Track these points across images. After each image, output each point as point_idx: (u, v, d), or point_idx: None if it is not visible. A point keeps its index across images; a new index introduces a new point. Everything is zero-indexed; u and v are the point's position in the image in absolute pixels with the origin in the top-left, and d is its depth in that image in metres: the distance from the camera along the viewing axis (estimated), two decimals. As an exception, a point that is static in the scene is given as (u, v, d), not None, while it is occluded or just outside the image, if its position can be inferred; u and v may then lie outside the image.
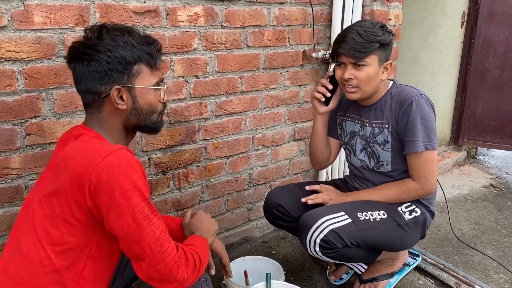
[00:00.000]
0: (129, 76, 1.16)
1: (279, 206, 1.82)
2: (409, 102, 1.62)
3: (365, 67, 1.58)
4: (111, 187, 1.05)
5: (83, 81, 1.15)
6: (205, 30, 1.86)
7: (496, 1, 3.41)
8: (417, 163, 1.65)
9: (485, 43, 3.51)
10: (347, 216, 1.61)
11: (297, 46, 2.21)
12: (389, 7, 2.38)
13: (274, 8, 2.05)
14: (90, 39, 1.14)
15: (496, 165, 3.86)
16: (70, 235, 1.10)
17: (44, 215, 1.11)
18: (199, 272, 1.22)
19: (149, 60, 1.19)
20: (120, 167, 1.06)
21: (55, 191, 1.10)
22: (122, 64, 1.14)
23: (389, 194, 1.73)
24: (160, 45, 1.23)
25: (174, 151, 1.93)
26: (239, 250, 2.31)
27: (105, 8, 1.57)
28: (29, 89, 1.49)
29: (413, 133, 1.61)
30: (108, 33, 1.14)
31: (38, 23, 1.45)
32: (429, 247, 2.40)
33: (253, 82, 2.10)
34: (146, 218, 1.09)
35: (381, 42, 1.57)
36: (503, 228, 2.66)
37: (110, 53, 1.12)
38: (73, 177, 1.07)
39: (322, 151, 1.90)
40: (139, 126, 1.25)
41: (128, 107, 1.19)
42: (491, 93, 3.56)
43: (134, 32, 1.18)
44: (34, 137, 1.54)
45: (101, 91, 1.15)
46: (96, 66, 1.13)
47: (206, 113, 1.98)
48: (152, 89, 1.21)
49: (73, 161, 1.08)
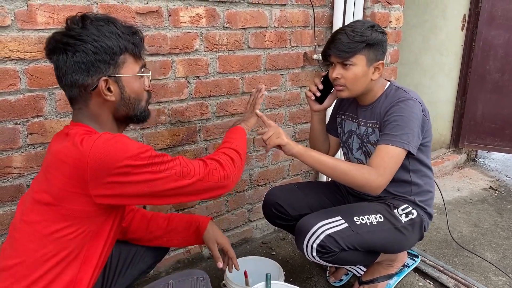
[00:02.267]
0: (115, 67, 1.15)
1: (278, 205, 1.84)
2: (396, 101, 1.63)
3: (352, 67, 1.60)
4: (112, 166, 1.06)
5: (68, 73, 1.12)
6: (206, 31, 1.86)
7: (496, 5, 3.42)
8: (383, 154, 1.56)
9: (486, 46, 3.52)
10: (343, 221, 1.62)
11: (298, 47, 2.22)
12: (390, 9, 2.39)
13: (275, 9, 2.06)
14: (74, 29, 1.10)
15: (496, 168, 3.86)
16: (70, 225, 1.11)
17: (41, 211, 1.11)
18: (242, 162, 1.37)
19: (134, 50, 1.17)
20: (110, 145, 1.07)
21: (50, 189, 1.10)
22: (108, 54, 1.12)
23: (341, 165, 1.55)
24: (142, 34, 1.22)
25: (175, 152, 1.94)
26: (239, 250, 2.32)
27: (108, 8, 1.58)
28: (31, 88, 1.49)
29: (392, 127, 1.59)
30: (92, 23, 1.11)
31: (41, 23, 1.46)
32: (429, 249, 2.41)
33: (254, 83, 2.10)
34: (158, 164, 1.12)
35: (368, 42, 1.57)
36: (503, 230, 2.66)
37: (96, 43, 1.10)
38: (70, 173, 1.07)
39: (320, 147, 1.93)
40: (128, 116, 1.24)
41: (117, 98, 1.17)
42: (491, 96, 3.57)
43: (117, 22, 1.16)
44: (36, 136, 1.55)
45: (88, 83, 1.13)
46: (82, 57, 1.10)
47: (207, 114, 1.99)
48: (138, 77, 1.20)
49: (66, 158, 1.08)
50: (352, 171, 1.53)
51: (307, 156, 1.57)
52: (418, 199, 1.78)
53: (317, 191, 1.96)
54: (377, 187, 1.54)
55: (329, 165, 1.55)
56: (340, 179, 1.57)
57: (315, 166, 1.57)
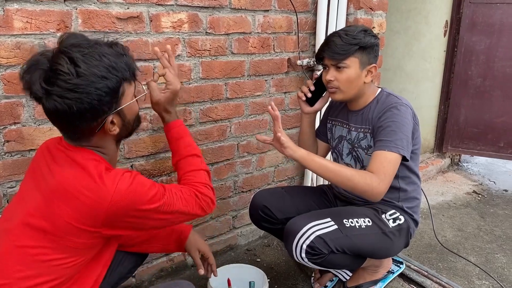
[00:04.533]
0: (117, 101, 1.12)
1: (265, 208, 1.84)
2: (389, 107, 1.65)
3: (345, 69, 1.62)
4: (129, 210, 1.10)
5: (71, 121, 1.06)
6: (189, 37, 1.85)
7: (477, 11, 3.47)
8: (381, 160, 1.56)
9: (467, 52, 3.57)
10: (333, 223, 1.62)
11: (282, 53, 2.21)
12: (373, 15, 2.40)
13: (258, 15, 2.05)
14: (68, 80, 1.01)
15: (479, 172, 3.91)
16: (71, 256, 1.10)
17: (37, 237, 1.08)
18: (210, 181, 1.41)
19: (129, 77, 1.14)
20: (130, 192, 1.09)
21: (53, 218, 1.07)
22: (111, 95, 1.09)
23: (345, 170, 1.55)
24: (128, 49, 1.17)
25: (157, 158, 1.91)
26: (223, 258, 2.30)
27: (88, 13, 1.55)
28: (8, 95, 1.46)
29: (386, 133, 1.60)
30: (86, 66, 1.03)
31: (18, 28, 1.43)
32: (413, 253, 2.42)
33: (238, 89, 2.09)
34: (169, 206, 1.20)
35: (361, 44, 1.59)
36: (486, 234, 2.69)
37: (100, 90, 1.04)
38: (83, 211, 1.06)
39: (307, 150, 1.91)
40: (127, 136, 1.27)
41: (119, 127, 1.17)
42: (474, 101, 3.62)
43: (106, 50, 1.08)
44: (14, 144, 1.51)
45: (93, 126, 1.10)
46: (87, 108, 1.04)
47: (190, 120, 1.97)
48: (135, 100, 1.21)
49: (80, 194, 1.06)
50: (355, 177, 1.52)
51: (310, 160, 1.56)
52: (405, 205, 1.79)
53: (304, 195, 1.96)
54: (378, 193, 1.54)
55: (332, 170, 1.54)
56: (342, 185, 1.56)
57: (318, 171, 1.56)
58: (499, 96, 3.50)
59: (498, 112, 3.53)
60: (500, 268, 2.30)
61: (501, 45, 3.42)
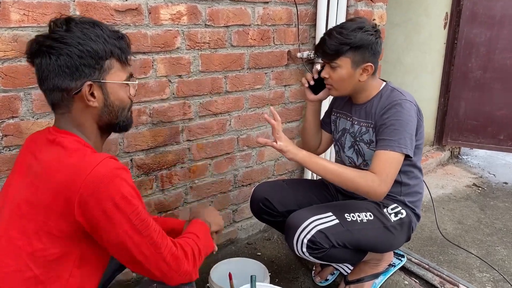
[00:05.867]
0: (101, 72, 1.10)
1: (266, 201, 1.83)
2: (393, 103, 1.62)
3: (337, 69, 1.62)
4: (103, 199, 1.01)
5: (51, 77, 1.08)
6: (188, 29, 1.83)
7: (478, 3, 3.46)
8: (383, 160, 1.57)
9: (468, 44, 3.56)
10: (334, 217, 1.61)
11: (282, 46, 2.19)
12: (373, 7, 2.38)
13: (258, 7, 2.03)
14: (57, 31, 1.06)
15: (478, 164, 3.91)
16: (53, 246, 1.05)
17: (23, 226, 1.06)
18: (200, 261, 1.23)
19: (120, 55, 1.13)
20: (110, 177, 1.02)
21: (36, 203, 1.05)
22: (94, 58, 1.08)
23: (347, 172, 1.57)
24: (129, 40, 1.18)
25: (157, 152, 1.90)
26: (224, 252, 2.29)
27: (86, 5, 1.53)
28: (6, 88, 1.44)
29: (390, 132, 1.59)
30: (77, 26, 1.07)
31: (15, 20, 1.41)
32: (414, 247, 2.41)
33: (238, 82, 2.08)
34: (143, 223, 1.07)
35: (352, 45, 1.57)
36: (486, 227, 2.69)
37: (82, 46, 1.06)
38: (59, 191, 1.02)
39: (310, 139, 1.94)
40: (111, 124, 1.20)
41: (100, 104, 1.13)
42: (474, 94, 3.61)
43: (103, 26, 1.12)
44: (12, 138, 1.50)
45: (71, 87, 1.08)
46: (67, 60, 1.05)
47: (190, 114, 1.96)
48: (123, 84, 1.16)
49: (58, 173, 1.03)
50: (357, 179, 1.54)
51: (311, 162, 1.57)
52: (407, 199, 1.78)
53: (305, 188, 1.95)
54: (380, 194, 1.55)
55: (334, 172, 1.56)
56: (344, 186, 1.58)
57: (319, 173, 1.57)
58: (499, 88, 3.49)
59: (498, 105, 3.52)
60: (501, 260, 2.30)
61: (502, 37, 3.41)
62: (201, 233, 1.30)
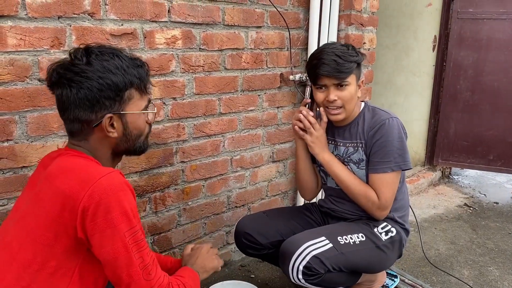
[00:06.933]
0: (121, 103, 1.13)
1: (247, 234, 1.82)
2: (381, 124, 1.66)
3: (347, 87, 1.63)
4: (103, 210, 1.02)
5: (71, 108, 1.10)
6: (183, 53, 1.86)
7: (465, 27, 3.54)
8: (381, 184, 1.66)
9: (456, 66, 3.63)
10: (328, 241, 1.61)
11: (275, 68, 2.23)
12: (364, 31, 2.44)
13: (251, 31, 2.07)
14: (78, 64, 1.08)
15: (469, 184, 3.94)
16: (51, 258, 1.05)
17: (22, 238, 1.06)
18: None
19: (139, 85, 1.16)
20: (114, 191, 1.03)
21: (37, 212, 1.05)
22: (114, 91, 1.10)
23: (352, 187, 1.70)
24: (148, 67, 1.21)
25: (150, 174, 1.90)
26: (217, 274, 2.26)
27: (82, 30, 1.56)
28: (1, 112, 1.45)
29: (384, 154, 1.64)
30: (97, 58, 1.09)
31: (12, 45, 1.42)
32: (407, 267, 2.41)
33: (231, 104, 2.10)
34: (136, 244, 1.07)
35: (358, 62, 1.64)
36: (478, 247, 2.70)
37: (102, 80, 1.08)
38: (63, 200, 1.02)
39: (308, 178, 1.89)
40: (127, 151, 1.23)
41: (119, 134, 1.16)
42: (463, 115, 3.67)
43: (122, 55, 1.14)
44: (6, 161, 1.49)
45: (91, 119, 1.11)
46: (87, 93, 1.08)
47: (184, 135, 1.97)
48: (142, 113, 1.19)
49: (62, 182, 1.04)
50: (361, 198, 1.70)
51: (328, 166, 1.73)
52: (396, 215, 1.79)
53: (286, 216, 1.92)
54: (379, 216, 1.74)
55: (342, 183, 1.72)
56: (351, 198, 1.74)
57: (333, 178, 1.76)
58: (487, 109, 3.56)
59: (487, 125, 3.58)
60: (494, 281, 2.31)
61: (489, 59, 3.49)
62: (188, 279, 1.27)
